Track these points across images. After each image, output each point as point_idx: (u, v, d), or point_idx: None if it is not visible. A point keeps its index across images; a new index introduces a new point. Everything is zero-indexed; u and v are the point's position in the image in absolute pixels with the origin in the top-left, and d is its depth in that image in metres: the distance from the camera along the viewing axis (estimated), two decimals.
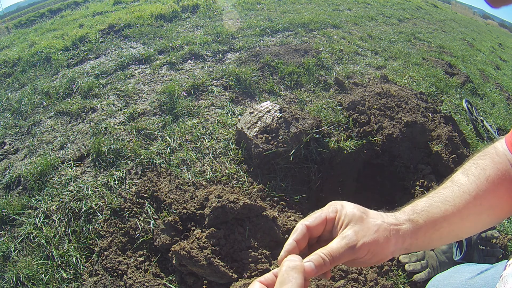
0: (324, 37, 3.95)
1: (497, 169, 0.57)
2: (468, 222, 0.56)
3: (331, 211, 0.53)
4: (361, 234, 0.50)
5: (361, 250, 0.49)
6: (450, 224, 0.54)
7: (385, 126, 2.05)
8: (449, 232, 0.55)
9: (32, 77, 3.37)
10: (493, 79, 4.30)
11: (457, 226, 0.55)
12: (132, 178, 1.76)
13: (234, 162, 1.83)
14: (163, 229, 1.41)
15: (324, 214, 0.53)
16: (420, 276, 1.34)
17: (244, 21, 4.33)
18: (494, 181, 0.56)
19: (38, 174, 1.88)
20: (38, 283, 1.35)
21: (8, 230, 1.64)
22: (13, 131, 2.50)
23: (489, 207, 0.56)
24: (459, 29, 7.67)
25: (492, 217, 0.58)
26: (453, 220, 0.54)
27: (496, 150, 0.60)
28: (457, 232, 0.56)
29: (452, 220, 0.54)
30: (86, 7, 6.90)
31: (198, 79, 2.70)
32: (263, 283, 0.47)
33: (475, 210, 0.55)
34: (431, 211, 0.55)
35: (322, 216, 0.52)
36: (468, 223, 0.56)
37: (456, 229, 0.55)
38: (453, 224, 0.54)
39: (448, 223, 0.54)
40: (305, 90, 2.62)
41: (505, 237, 1.54)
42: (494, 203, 0.56)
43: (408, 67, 3.43)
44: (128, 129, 2.15)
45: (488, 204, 0.56)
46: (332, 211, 0.53)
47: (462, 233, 0.57)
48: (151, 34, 3.97)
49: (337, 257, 0.48)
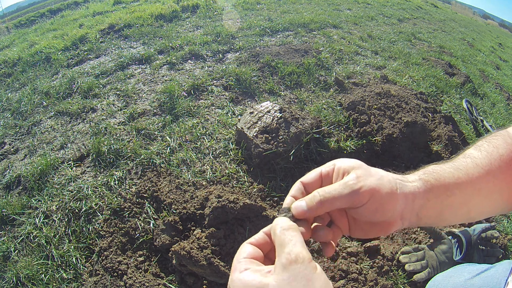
0: (324, 37, 3.95)
1: (510, 150, 0.54)
2: (480, 197, 0.51)
3: (327, 165, 0.50)
4: (362, 177, 0.45)
5: (362, 194, 0.44)
6: (462, 193, 0.49)
7: (385, 126, 2.05)
8: (461, 203, 0.50)
9: (32, 77, 3.38)
10: (493, 79, 4.30)
11: (470, 197, 0.50)
12: (132, 178, 1.76)
13: (234, 162, 1.83)
14: (163, 229, 1.41)
15: (319, 169, 0.50)
16: (420, 276, 1.34)
17: (244, 21, 4.33)
18: (506, 161, 0.53)
19: (38, 174, 1.88)
20: (38, 283, 1.35)
21: (8, 230, 1.64)
22: (13, 131, 2.50)
23: (500, 189, 0.53)
24: (459, 29, 7.67)
25: (501, 201, 0.54)
26: (465, 189, 0.50)
27: (508, 133, 0.58)
28: (469, 207, 0.51)
29: (465, 189, 0.50)
30: (86, 7, 6.91)
31: (198, 79, 2.70)
32: (254, 244, 0.44)
33: (488, 186, 0.51)
34: (443, 174, 0.50)
35: (317, 171, 0.50)
36: (480, 199, 0.51)
37: (468, 202, 0.50)
38: (466, 194, 0.50)
39: (460, 191, 0.49)
40: (305, 90, 2.62)
41: (505, 237, 1.54)
42: (504, 185, 0.53)
43: (408, 67, 3.43)
44: (128, 129, 2.15)
45: (499, 184, 0.52)
46: (328, 165, 0.50)
47: (474, 210, 0.52)
48: (151, 34, 3.97)
49: (334, 197, 0.44)
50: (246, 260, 0.41)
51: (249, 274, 0.38)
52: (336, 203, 0.44)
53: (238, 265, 0.40)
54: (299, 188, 0.50)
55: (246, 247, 0.43)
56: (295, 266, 0.36)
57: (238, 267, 0.40)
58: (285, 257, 0.37)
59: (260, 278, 0.36)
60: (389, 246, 1.50)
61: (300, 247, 0.38)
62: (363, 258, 1.43)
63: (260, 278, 0.37)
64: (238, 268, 0.39)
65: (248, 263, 0.40)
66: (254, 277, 0.37)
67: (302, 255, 0.37)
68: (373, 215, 0.46)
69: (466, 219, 0.53)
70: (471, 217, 0.53)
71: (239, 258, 0.42)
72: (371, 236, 0.50)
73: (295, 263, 0.36)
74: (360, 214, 0.46)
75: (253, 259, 0.42)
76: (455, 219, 0.52)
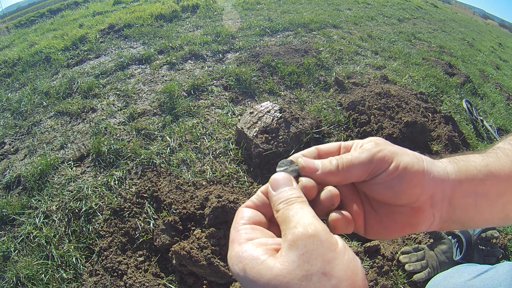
0: (324, 37, 3.95)
1: None
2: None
3: (348, 142, 0.42)
4: (382, 144, 0.39)
5: (382, 158, 0.37)
6: (496, 181, 0.41)
7: (385, 126, 2.05)
8: (496, 194, 0.41)
9: (32, 77, 3.37)
10: (493, 79, 4.30)
11: (504, 188, 0.41)
12: (132, 178, 1.77)
13: (234, 162, 1.83)
14: (163, 229, 1.41)
15: (339, 142, 0.43)
16: (420, 276, 1.34)
17: (244, 21, 4.33)
18: None
19: (38, 174, 1.88)
20: (38, 283, 1.35)
21: (8, 230, 1.64)
22: (13, 131, 2.50)
23: None
24: (459, 29, 7.67)
25: None
26: (498, 176, 0.41)
27: None
28: (505, 200, 0.41)
29: (498, 176, 0.41)
30: (86, 7, 6.91)
31: (198, 79, 2.70)
32: (252, 208, 0.36)
33: None
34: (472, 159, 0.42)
35: (336, 143, 0.43)
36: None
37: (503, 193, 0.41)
38: (500, 183, 0.41)
39: (494, 179, 0.41)
40: (305, 90, 2.62)
41: (505, 237, 1.54)
42: None
43: (408, 67, 3.43)
44: (128, 129, 2.15)
45: None
46: (348, 142, 0.43)
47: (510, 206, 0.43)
48: (151, 34, 3.97)
49: (351, 162, 0.37)
50: (247, 227, 0.32)
51: (249, 249, 0.29)
52: (353, 171, 0.37)
53: (237, 235, 0.31)
54: (313, 151, 0.41)
55: (243, 211, 0.35)
56: (306, 242, 0.27)
57: (236, 237, 0.31)
58: (291, 233, 0.28)
59: (264, 257, 0.28)
60: (389, 246, 1.50)
61: (310, 217, 0.29)
62: (363, 258, 1.43)
63: (263, 256, 0.28)
64: (237, 239, 0.31)
65: (250, 230, 0.32)
66: (256, 253, 0.28)
67: (313, 226, 0.28)
68: (397, 195, 0.37)
69: (503, 216, 0.43)
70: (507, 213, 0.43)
71: (236, 225, 0.33)
72: (393, 233, 0.39)
73: (306, 237, 0.27)
74: (381, 192, 0.38)
75: (254, 224, 0.33)
76: (491, 214, 0.42)
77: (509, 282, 0.78)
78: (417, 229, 0.39)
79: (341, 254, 0.27)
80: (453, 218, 0.40)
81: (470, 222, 0.42)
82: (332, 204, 0.35)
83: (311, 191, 0.35)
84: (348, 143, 0.42)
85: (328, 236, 0.28)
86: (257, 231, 0.32)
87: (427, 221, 0.39)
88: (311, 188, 0.35)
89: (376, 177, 0.38)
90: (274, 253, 0.28)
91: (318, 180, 0.37)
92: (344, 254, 0.28)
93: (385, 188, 0.37)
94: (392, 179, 0.37)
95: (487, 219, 0.42)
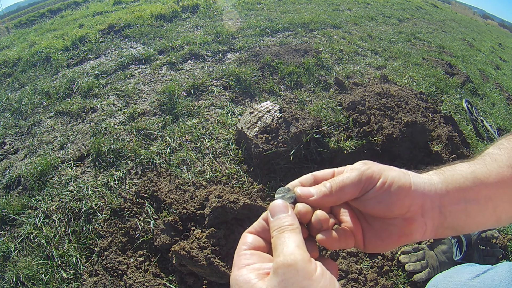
0: (324, 37, 3.95)
1: None
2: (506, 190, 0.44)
3: (340, 168, 0.46)
4: (370, 163, 0.43)
5: (370, 174, 0.41)
6: (485, 186, 0.43)
7: (385, 126, 2.05)
8: (486, 199, 0.43)
9: (32, 77, 3.38)
10: (493, 79, 4.30)
11: (494, 192, 0.43)
12: (132, 178, 1.77)
13: (234, 162, 1.83)
14: (163, 229, 1.41)
15: (333, 169, 0.47)
16: (420, 276, 1.34)
17: (244, 21, 4.33)
18: None
19: (38, 174, 1.88)
20: (38, 283, 1.35)
21: (8, 230, 1.64)
22: (13, 131, 2.50)
23: None
24: (459, 29, 7.67)
25: None
26: (486, 181, 0.43)
27: None
28: (495, 203, 0.43)
29: (486, 182, 0.43)
30: (86, 7, 6.91)
31: (198, 79, 2.70)
32: (254, 233, 0.41)
33: (510, 183, 0.44)
34: (458, 168, 0.45)
35: (330, 170, 0.47)
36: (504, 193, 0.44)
37: (493, 197, 0.43)
38: (488, 187, 0.43)
39: (481, 184, 0.43)
40: (305, 90, 2.62)
41: (505, 237, 1.54)
42: None
43: (408, 67, 3.43)
44: (128, 129, 2.15)
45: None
46: (340, 168, 0.47)
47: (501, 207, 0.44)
48: (151, 34, 3.97)
49: (344, 182, 0.41)
50: (246, 253, 0.37)
51: (244, 274, 0.35)
52: (346, 190, 0.41)
53: (237, 260, 0.37)
54: (309, 178, 0.45)
55: (246, 236, 0.40)
56: (284, 270, 0.32)
57: (237, 262, 0.37)
58: (275, 261, 0.33)
59: (255, 281, 0.33)
60: None
61: (292, 247, 0.33)
62: (363, 258, 1.43)
63: (254, 280, 0.33)
64: (237, 264, 0.36)
65: (248, 256, 0.37)
66: (249, 277, 0.34)
67: (293, 256, 0.32)
68: (389, 208, 0.41)
69: (495, 219, 0.45)
70: (498, 216, 0.45)
71: (239, 251, 0.38)
72: (390, 244, 0.43)
73: (285, 266, 0.32)
74: (374, 207, 0.41)
75: (254, 250, 0.38)
76: (483, 218, 0.44)
77: (509, 282, 0.78)
78: (412, 238, 0.42)
79: (316, 281, 0.31)
80: (445, 224, 0.43)
81: (463, 227, 0.44)
82: (321, 226, 0.40)
83: (305, 216, 0.40)
84: (341, 169, 0.46)
85: (306, 265, 0.32)
86: (254, 257, 0.37)
87: (420, 230, 0.42)
88: (305, 213, 0.40)
89: (366, 193, 0.42)
90: (264, 277, 0.34)
91: (314, 204, 0.41)
92: (320, 281, 0.31)
93: (376, 202, 0.41)
94: (382, 193, 0.41)
95: (480, 223, 0.45)
